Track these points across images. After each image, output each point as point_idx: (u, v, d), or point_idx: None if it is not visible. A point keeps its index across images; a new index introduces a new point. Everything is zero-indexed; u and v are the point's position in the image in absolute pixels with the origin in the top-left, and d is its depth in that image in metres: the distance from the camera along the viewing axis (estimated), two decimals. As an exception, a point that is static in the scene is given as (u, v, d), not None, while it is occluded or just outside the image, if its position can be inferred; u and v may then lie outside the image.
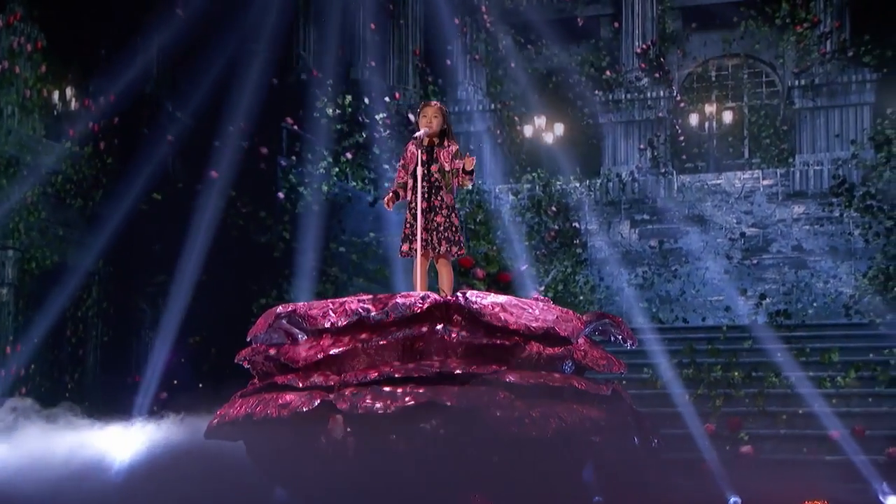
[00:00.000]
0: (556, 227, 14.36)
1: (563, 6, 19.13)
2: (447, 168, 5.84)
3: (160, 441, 6.81)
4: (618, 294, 15.44)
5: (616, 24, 19.41)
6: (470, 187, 6.16)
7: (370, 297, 5.35)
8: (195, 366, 10.68)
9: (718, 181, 16.79)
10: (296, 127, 12.93)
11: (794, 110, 17.81)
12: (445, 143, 5.92)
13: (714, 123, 18.22)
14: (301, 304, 5.54)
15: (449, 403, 4.86)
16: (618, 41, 19.35)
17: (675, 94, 18.65)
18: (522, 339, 5.20)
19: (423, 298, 5.20)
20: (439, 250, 5.82)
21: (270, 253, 11.50)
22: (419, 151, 5.87)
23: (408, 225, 5.92)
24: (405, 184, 6.00)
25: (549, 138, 18.13)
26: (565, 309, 5.50)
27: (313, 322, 5.32)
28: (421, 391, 4.91)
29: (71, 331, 10.86)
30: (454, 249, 5.85)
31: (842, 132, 17.17)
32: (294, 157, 12.52)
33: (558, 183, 15.70)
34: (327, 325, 5.25)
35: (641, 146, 17.65)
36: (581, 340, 5.40)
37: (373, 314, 5.18)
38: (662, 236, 16.48)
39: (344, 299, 5.38)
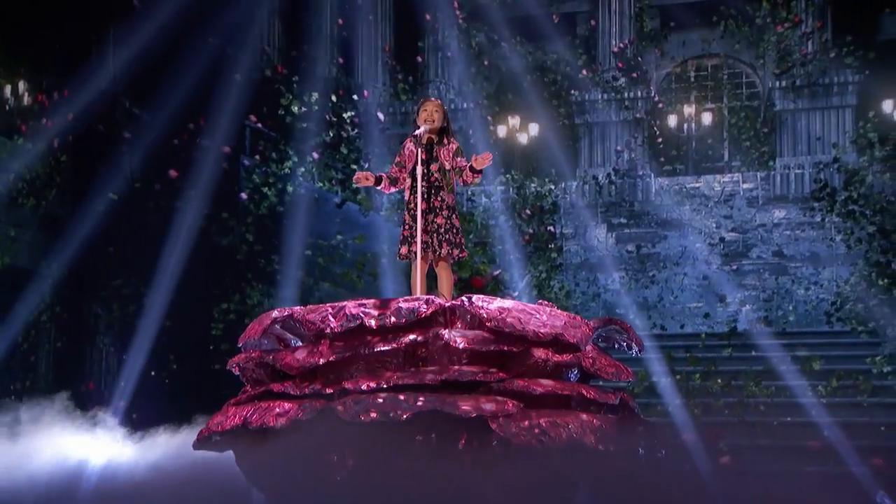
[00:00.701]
0: (531, 230, 14.39)
1: (539, 2, 19.22)
2: (448, 167, 5.80)
3: (123, 452, 6.73)
4: (594, 300, 15.51)
5: (592, 22, 19.52)
6: (476, 184, 6.11)
7: (371, 301, 5.30)
8: (154, 373, 10.57)
9: (697, 184, 16.93)
10: (260, 125, 12.85)
11: (775, 112, 18.01)
12: (445, 141, 5.85)
13: (693, 125, 18.37)
14: (297, 308, 5.49)
15: (456, 412, 4.82)
16: (594, 39, 19.47)
17: (653, 94, 18.78)
18: (530, 346, 5.17)
19: (426, 303, 5.16)
20: (440, 253, 5.76)
21: (233, 256, 11.40)
22: (418, 149, 5.82)
23: (406, 227, 5.85)
24: (395, 178, 5.96)
25: (523, 139, 18.19)
26: (573, 315, 5.49)
27: (311, 327, 5.26)
28: (425, 399, 4.87)
29: (22, 336, 10.72)
30: (455, 252, 5.80)
31: (823, 135, 17.38)
32: (258, 157, 12.44)
33: (533, 185, 15.74)
34: (326, 330, 5.20)
35: (619, 148, 17.76)
36: (588, 347, 5.40)
37: (374, 319, 5.13)
38: (640, 241, 16.57)
39: (343, 304, 5.32)
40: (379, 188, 5.99)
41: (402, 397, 4.87)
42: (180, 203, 11.35)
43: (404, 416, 4.79)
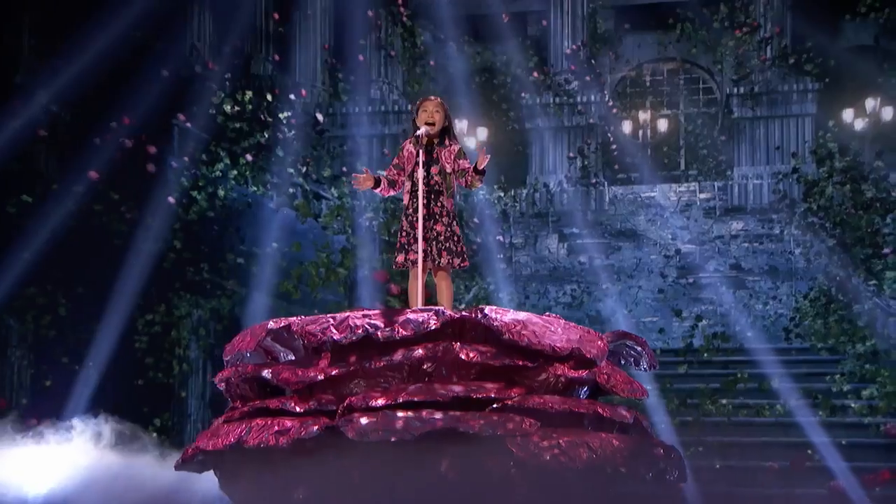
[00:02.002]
0: (479, 240, 14.46)
1: (488, 1, 19.41)
2: (449, 170, 5.76)
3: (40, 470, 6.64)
4: (545, 314, 15.63)
5: (544, 22, 19.78)
6: (478, 187, 6.08)
7: (377, 311, 5.26)
8: (72, 389, 10.41)
9: (653, 194, 17.21)
10: (189, 124, 12.76)
11: (733, 120, 18.40)
12: (447, 142, 5.82)
13: (648, 132, 18.71)
14: (294, 318, 5.43)
15: (472, 430, 4.79)
16: (546, 40, 19.72)
17: (606, 99, 19.07)
18: (546, 361, 5.17)
19: (437, 314, 5.15)
20: (439, 262, 5.72)
21: (159, 264, 11.29)
22: (418, 151, 5.76)
23: (404, 233, 5.78)
24: (394, 181, 5.93)
25: (471, 143, 18.29)
26: (586, 328, 5.53)
27: (311, 339, 5.19)
28: (438, 417, 4.83)
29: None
30: (456, 261, 5.77)
31: (782, 144, 17.82)
32: (187, 158, 12.34)
33: (481, 192, 15.84)
34: (328, 342, 5.16)
35: (571, 154, 17.97)
36: (603, 363, 5.44)
37: (382, 332, 5.10)
38: (593, 252, 16.77)
39: (345, 314, 5.27)
40: (377, 191, 5.94)
41: (413, 414, 4.84)
42: (101, 207, 11.21)
43: (419, 435, 4.76)
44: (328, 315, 5.29)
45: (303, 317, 5.38)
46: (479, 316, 5.15)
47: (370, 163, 17.76)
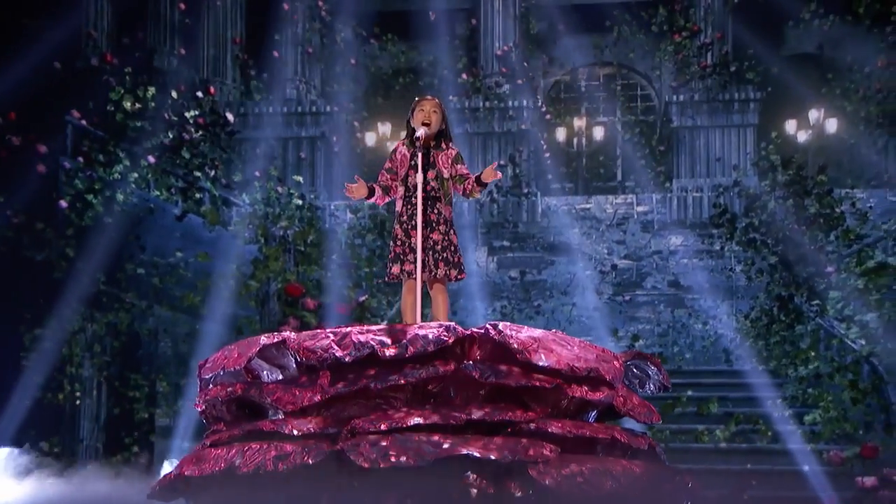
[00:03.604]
0: (402, 252, 14.50)
1: (414, -4, 19.51)
2: (446, 175, 5.78)
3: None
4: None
5: (473, 21, 19.92)
6: (477, 197, 6.07)
7: (379, 327, 5.20)
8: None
9: (588, 205, 17.41)
10: (84, 122, 12.56)
11: (672, 129, 18.75)
12: (443, 146, 5.83)
13: (584, 140, 18.95)
14: (289, 333, 5.33)
15: (489, 456, 4.75)
16: (476, 41, 19.87)
17: (540, 104, 19.27)
18: (564, 382, 5.13)
19: (448, 330, 5.10)
20: (436, 273, 5.74)
21: (49, 274, 11.08)
22: (413, 154, 5.75)
23: (399, 242, 5.78)
24: (387, 187, 5.90)
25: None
26: (601, 347, 5.53)
27: (310, 356, 5.09)
28: (452, 441, 4.78)
29: None
30: (453, 273, 5.80)
31: (723, 156, 18.21)
32: (81, 159, 12.14)
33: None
34: (329, 359, 5.07)
35: (502, 162, 18.10)
36: (619, 385, 5.44)
37: (389, 349, 5.03)
38: (524, 266, 16.90)
39: (346, 329, 5.19)
40: (370, 200, 5.93)
41: (425, 439, 4.80)
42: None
43: (433, 461, 4.69)
44: (326, 330, 5.24)
45: (299, 332, 5.33)
46: (493, 332, 5.12)
47: (286, 167, 17.71)
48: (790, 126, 17.54)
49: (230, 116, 15.37)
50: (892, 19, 18.32)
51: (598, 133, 19.40)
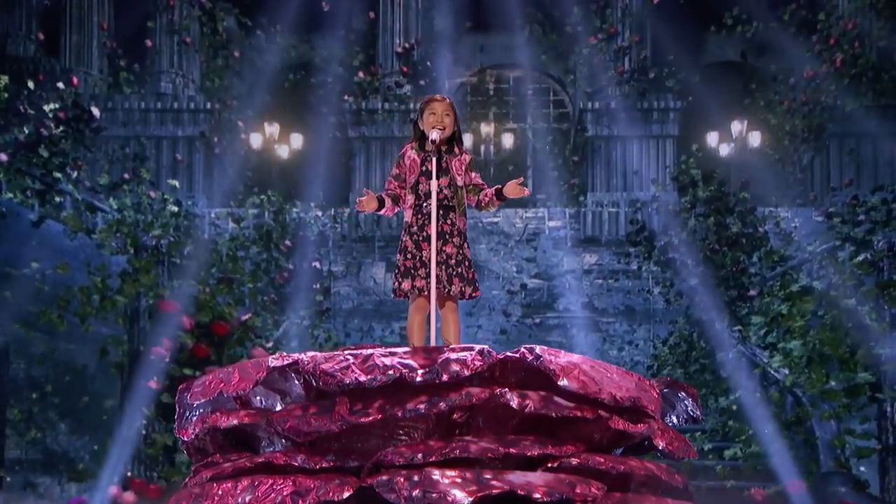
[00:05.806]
0: (291, 266, 14.34)
1: (307, -16, 19.43)
2: (460, 183, 5.71)
3: None
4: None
5: (371, 15, 19.93)
6: (491, 210, 6.02)
7: (404, 350, 5.05)
8: None
9: (495, 219, 17.51)
10: (-75, 114, 12.21)
11: (587, 138, 19.00)
12: (456, 150, 5.74)
13: (491, 147, 19.07)
14: (302, 355, 5.15)
15: (533, 494, 4.65)
16: (374, 36, 19.87)
17: (444, 107, 19.34)
18: (607, 413, 5.08)
19: (482, 354, 5.00)
20: (449, 290, 5.64)
21: None
22: (424, 159, 5.65)
23: (409, 256, 5.67)
24: (397, 196, 5.79)
25: (283, 152, 18.18)
26: (639, 374, 5.48)
27: (329, 381, 4.91)
28: (491, 477, 4.70)
29: None
30: (468, 290, 5.68)
31: (641, 169, 18.53)
32: (-80, 155, 11.82)
33: (295, 210, 15.72)
34: (350, 385, 4.92)
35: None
36: (658, 416, 5.43)
37: (419, 374, 4.91)
38: (425, 285, 16.88)
39: (367, 351, 5.02)
40: (381, 213, 5.80)
41: (462, 474, 4.72)
42: None
43: (476, 500, 4.61)
44: (345, 351, 5.12)
45: (312, 353, 5.20)
46: (531, 357, 5.03)
47: (160, 170, 17.44)
48: (712, 138, 17.93)
49: (96, 111, 15.06)
50: (818, 27, 18.88)
51: (508, 140, 19.56)
